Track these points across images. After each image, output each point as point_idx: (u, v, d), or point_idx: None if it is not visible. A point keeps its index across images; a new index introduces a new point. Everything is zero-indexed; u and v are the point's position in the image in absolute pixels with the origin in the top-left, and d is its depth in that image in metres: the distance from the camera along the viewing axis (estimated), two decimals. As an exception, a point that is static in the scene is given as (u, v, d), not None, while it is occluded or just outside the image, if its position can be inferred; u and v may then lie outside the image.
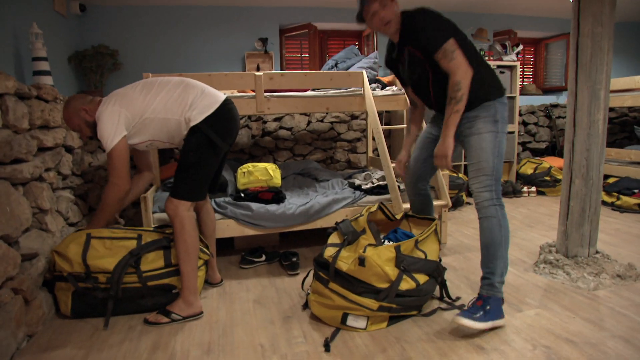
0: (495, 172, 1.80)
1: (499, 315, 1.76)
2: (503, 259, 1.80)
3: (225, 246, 2.89)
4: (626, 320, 1.76)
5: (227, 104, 1.98)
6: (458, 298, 2.02)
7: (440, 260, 2.00)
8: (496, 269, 1.79)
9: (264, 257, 2.58)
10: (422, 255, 1.88)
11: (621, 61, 5.58)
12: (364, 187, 2.82)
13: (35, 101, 2.02)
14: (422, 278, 1.82)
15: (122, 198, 1.92)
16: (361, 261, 1.70)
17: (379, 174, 2.98)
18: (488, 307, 1.73)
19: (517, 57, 4.59)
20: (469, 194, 4.18)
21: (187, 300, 1.90)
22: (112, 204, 1.91)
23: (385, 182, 2.77)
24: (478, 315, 1.70)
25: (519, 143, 5.11)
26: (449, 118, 1.76)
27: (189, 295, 1.90)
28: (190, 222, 1.90)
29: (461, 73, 1.71)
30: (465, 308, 1.80)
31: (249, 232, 2.52)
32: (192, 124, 1.89)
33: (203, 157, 1.92)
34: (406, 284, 1.75)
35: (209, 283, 2.28)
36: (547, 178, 4.35)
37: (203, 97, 1.94)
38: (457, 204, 3.86)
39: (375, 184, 2.81)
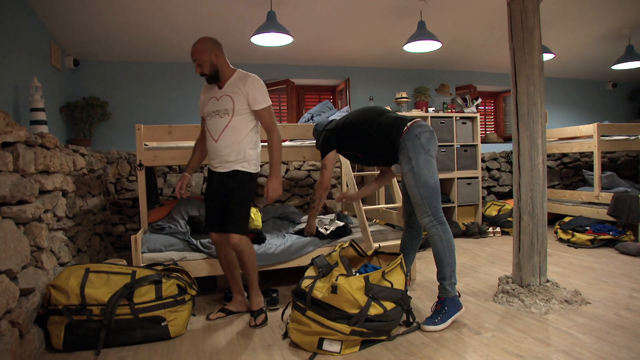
0: (425, 199, 2.18)
1: (457, 309, 2.20)
2: (449, 265, 2.21)
3: (209, 285, 3.03)
4: (569, 337, 2.00)
5: None
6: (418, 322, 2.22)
7: (407, 290, 2.22)
8: (445, 274, 2.22)
9: (245, 295, 2.72)
10: (388, 285, 2.09)
11: (570, 112, 6.18)
12: (320, 229, 2.97)
13: (38, 148, 2.22)
14: (389, 305, 2.02)
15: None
16: (334, 288, 1.90)
17: (351, 219, 3.21)
18: (446, 309, 2.17)
19: (476, 109, 5.06)
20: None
21: (258, 293, 2.40)
22: (281, 145, 2.36)
23: (342, 224, 3.05)
24: (438, 319, 2.14)
25: (483, 187, 5.49)
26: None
27: (257, 293, 2.40)
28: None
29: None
30: (430, 314, 2.20)
31: (232, 269, 2.68)
32: (254, 170, 2.34)
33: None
34: (374, 310, 1.95)
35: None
36: (510, 219, 4.68)
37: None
38: (425, 244, 4.11)
39: (334, 228, 3.00)
